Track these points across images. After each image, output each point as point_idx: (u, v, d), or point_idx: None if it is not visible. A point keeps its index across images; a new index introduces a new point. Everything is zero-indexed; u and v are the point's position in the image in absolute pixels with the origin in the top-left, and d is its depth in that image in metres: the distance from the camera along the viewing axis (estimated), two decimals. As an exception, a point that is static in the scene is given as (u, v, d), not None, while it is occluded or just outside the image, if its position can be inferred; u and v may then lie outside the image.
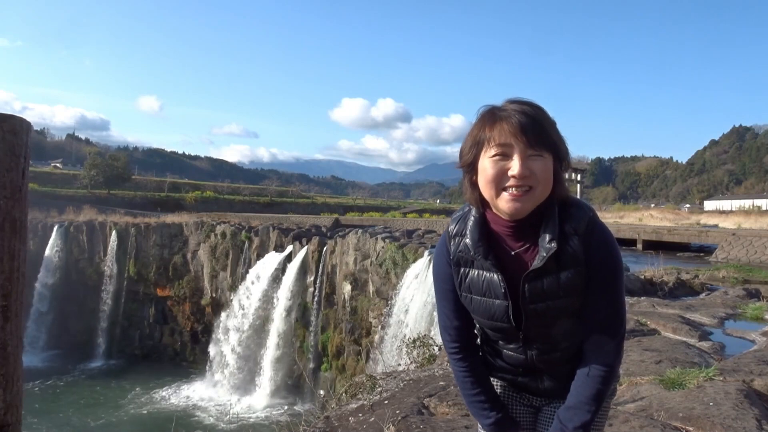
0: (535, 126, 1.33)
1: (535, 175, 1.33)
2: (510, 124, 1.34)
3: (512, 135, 1.33)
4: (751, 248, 14.85)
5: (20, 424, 1.17)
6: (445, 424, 3.17)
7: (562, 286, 1.39)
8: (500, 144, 1.34)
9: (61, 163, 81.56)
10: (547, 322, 1.44)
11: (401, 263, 17.42)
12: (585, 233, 1.39)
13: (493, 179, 1.35)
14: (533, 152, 1.33)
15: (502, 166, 1.34)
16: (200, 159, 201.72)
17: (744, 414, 2.97)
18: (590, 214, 1.42)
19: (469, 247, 1.44)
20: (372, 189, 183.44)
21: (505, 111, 1.37)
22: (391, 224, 27.92)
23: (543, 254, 1.37)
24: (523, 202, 1.34)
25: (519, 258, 1.42)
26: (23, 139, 1.15)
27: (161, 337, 28.35)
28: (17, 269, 1.14)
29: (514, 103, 1.39)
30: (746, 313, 6.55)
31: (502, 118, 1.36)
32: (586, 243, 1.39)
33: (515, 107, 1.37)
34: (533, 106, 1.38)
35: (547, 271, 1.39)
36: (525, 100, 1.40)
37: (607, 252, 1.41)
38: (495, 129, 1.35)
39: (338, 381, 16.93)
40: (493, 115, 1.38)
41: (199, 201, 47.78)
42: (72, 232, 30.44)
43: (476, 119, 1.43)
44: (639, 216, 32.53)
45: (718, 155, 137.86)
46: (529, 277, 1.40)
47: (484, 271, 1.44)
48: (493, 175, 1.35)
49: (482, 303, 1.47)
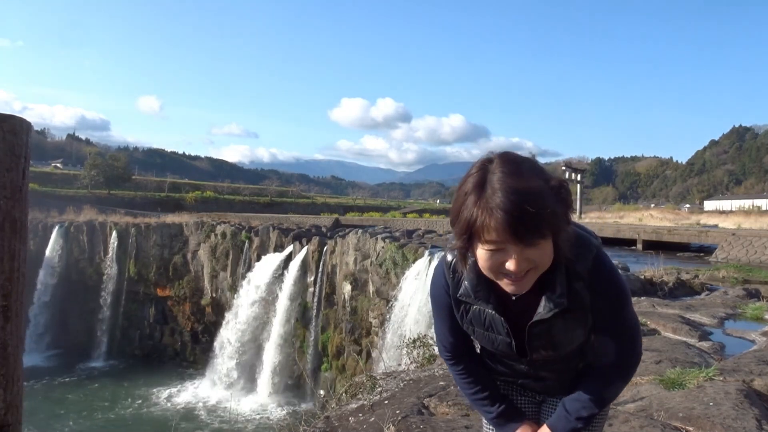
0: (527, 220, 1.19)
1: (534, 261, 1.27)
2: (498, 223, 1.19)
3: (502, 234, 1.21)
4: (751, 248, 14.84)
5: (20, 424, 1.17)
6: (445, 424, 3.16)
7: (569, 329, 1.40)
8: (492, 241, 1.24)
9: (61, 163, 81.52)
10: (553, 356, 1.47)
11: (401, 263, 17.41)
12: (590, 275, 1.36)
13: (490, 270, 1.30)
14: (528, 245, 1.24)
15: (498, 258, 1.26)
16: (200, 159, 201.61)
17: (744, 414, 2.97)
18: (594, 251, 1.37)
19: (469, 291, 1.42)
20: (372, 189, 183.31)
21: (494, 200, 1.20)
22: (391, 224, 27.92)
23: (551, 306, 1.35)
24: (524, 284, 1.31)
25: (522, 301, 1.39)
26: (23, 139, 1.15)
27: (161, 337, 28.35)
28: (17, 269, 1.14)
29: (503, 181, 1.21)
30: (746, 313, 6.55)
31: (491, 211, 1.20)
32: (591, 285, 1.37)
33: (503, 197, 1.19)
34: (524, 187, 1.21)
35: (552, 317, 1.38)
36: (517, 170, 1.24)
37: (613, 291, 1.40)
38: (484, 224, 1.22)
39: (338, 381, 16.92)
40: (482, 198, 1.23)
41: (199, 201, 47.79)
42: (72, 232, 30.45)
43: (466, 187, 1.27)
44: (639, 216, 32.52)
45: (718, 155, 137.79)
46: (534, 324, 1.40)
47: (487, 309, 1.43)
48: (489, 266, 1.29)
49: (485, 336, 1.47)
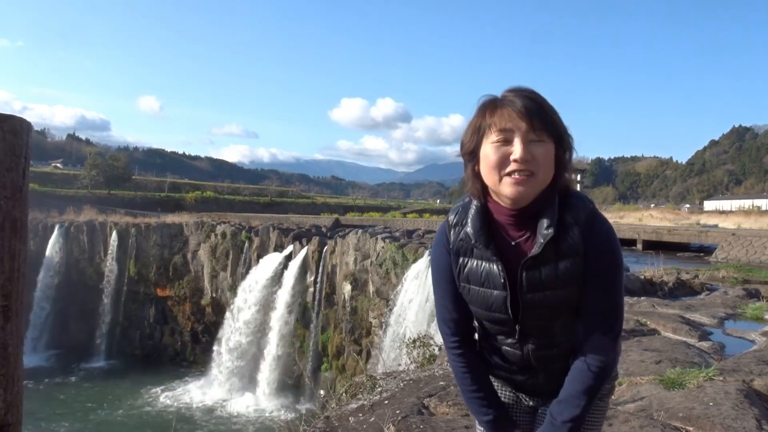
0: (537, 110, 1.34)
1: (536, 160, 1.33)
2: (511, 109, 1.34)
3: (513, 119, 1.33)
4: (751, 248, 14.84)
5: (20, 424, 1.17)
6: (445, 424, 3.16)
7: (560, 276, 1.39)
8: (502, 129, 1.34)
9: (61, 163, 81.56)
10: (544, 315, 1.44)
11: (401, 263, 17.41)
12: (585, 224, 1.39)
13: (496, 164, 1.35)
14: (535, 137, 1.33)
15: (504, 151, 1.34)
16: (200, 159, 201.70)
17: (744, 414, 2.97)
18: (591, 205, 1.42)
19: (471, 235, 1.44)
20: (372, 189, 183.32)
21: (506, 98, 1.38)
22: (391, 224, 27.91)
23: (541, 240, 1.37)
24: (525, 186, 1.34)
25: (519, 248, 1.43)
26: (24, 139, 1.15)
27: (161, 337, 28.34)
28: (17, 269, 1.14)
29: (513, 91, 1.39)
30: (746, 313, 6.55)
31: (504, 104, 1.36)
32: (586, 234, 1.38)
33: (516, 94, 1.37)
34: (534, 93, 1.38)
35: (546, 260, 1.38)
36: (525, 87, 1.40)
37: (607, 244, 1.40)
38: (496, 115, 1.36)
39: (338, 381, 16.92)
40: (494, 103, 1.39)
41: (199, 201, 47.79)
42: (72, 232, 30.43)
43: (477, 108, 1.43)
44: (639, 216, 32.54)
45: (718, 155, 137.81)
46: (527, 264, 1.40)
47: (484, 261, 1.44)
48: (495, 160, 1.35)
49: (480, 293, 1.47)
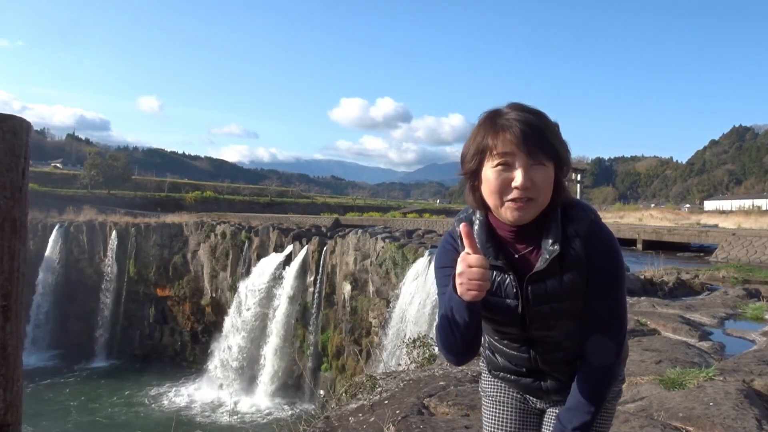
0: (537, 135, 1.35)
1: (537, 186, 1.35)
2: (512, 134, 1.34)
3: (514, 145, 1.34)
4: (751, 248, 14.85)
5: (20, 424, 1.17)
6: (445, 424, 3.16)
7: (566, 289, 1.41)
8: (503, 153, 1.35)
9: (61, 163, 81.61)
10: (550, 324, 1.46)
11: (401, 263, 17.42)
12: (587, 235, 1.41)
13: (497, 190, 1.37)
14: (535, 162, 1.35)
15: (505, 177, 1.36)
16: (200, 159, 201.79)
17: (744, 414, 2.97)
18: (592, 216, 1.43)
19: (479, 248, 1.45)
20: (372, 189, 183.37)
21: (507, 119, 1.37)
22: (391, 224, 27.93)
23: (546, 256, 1.39)
24: (525, 211, 1.36)
25: (523, 260, 1.44)
26: (23, 139, 1.14)
27: (161, 337, 28.36)
28: (17, 269, 1.14)
29: (515, 110, 1.39)
30: (746, 313, 6.54)
31: (504, 128, 1.36)
32: (588, 245, 1.40)
33: (517, 115, 1.37)
34: (535, 114, 1.38)
35: (551, 274, 1.41)
36: (527, 106, 1.41)
37: (609, 254, 1.42)
38: (498, 138, 1.36)
39: (338, 381, 16.94)
40: (495, 123, 1.39)
41: (199, 201, 47.83)
42: (72, 232, 30.45)
43: (478, 124, 1.43)
44: (639, 216, 32.54)
45: (718, 155, 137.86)
46: (532, 279, 1.42)
47: (495, 271, 1.46)
48: (497, 186, 1.36)
49: (491, 301, 1.47)
